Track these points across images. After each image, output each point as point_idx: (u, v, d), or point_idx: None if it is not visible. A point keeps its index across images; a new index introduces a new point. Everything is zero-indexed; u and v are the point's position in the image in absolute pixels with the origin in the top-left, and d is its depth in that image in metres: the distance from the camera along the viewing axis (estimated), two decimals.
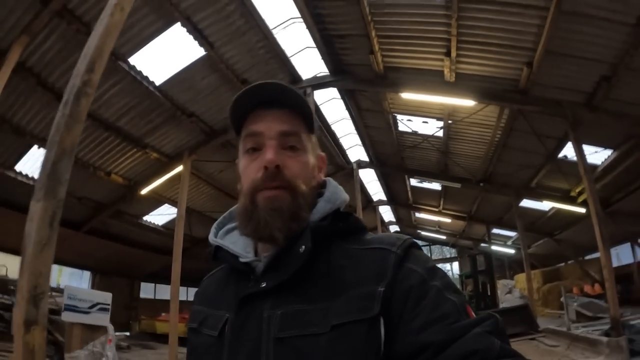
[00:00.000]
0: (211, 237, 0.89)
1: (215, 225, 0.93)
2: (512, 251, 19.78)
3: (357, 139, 14.66)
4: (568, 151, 10.80)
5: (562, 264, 19.34)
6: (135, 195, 12.91)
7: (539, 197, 14.08)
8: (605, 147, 10.47)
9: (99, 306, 8.60)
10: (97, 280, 16.47)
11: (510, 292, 17.70)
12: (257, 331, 0.73)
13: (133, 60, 8.65)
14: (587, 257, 19.63)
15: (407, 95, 9.96)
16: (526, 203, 15.28)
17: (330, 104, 12.42)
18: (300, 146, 0.84)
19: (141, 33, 7.91)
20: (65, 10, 7.13)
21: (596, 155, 10.69)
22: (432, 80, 9.52)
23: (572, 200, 13.24)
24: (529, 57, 8.08)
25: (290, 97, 0.84)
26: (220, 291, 0.87)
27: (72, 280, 15.53)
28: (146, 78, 9.17)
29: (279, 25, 8.77)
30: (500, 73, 8.93)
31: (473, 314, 0.70)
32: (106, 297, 8.72)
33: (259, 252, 0.85)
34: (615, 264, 18.61)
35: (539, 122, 10.08)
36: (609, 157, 10.84)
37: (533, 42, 7.70)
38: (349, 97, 12.00)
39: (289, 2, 8.07)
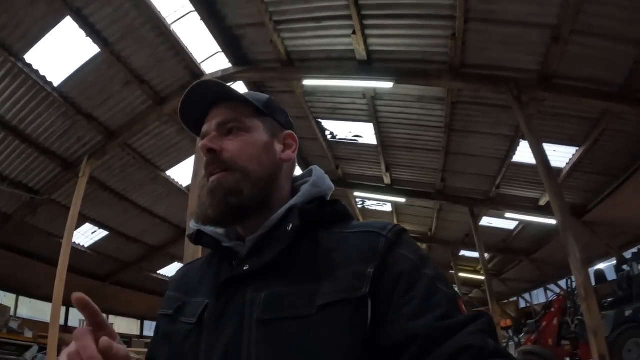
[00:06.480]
0: (192, 223, 0.88)
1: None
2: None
3: None
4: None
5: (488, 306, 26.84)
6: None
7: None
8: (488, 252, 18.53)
9: None
10: None
11: None
12: (239, 315, 0.72)
13: None
14: (508, 300, 27.60)
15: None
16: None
17: None
18: (242, 127, 0.84)
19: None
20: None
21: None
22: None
23: (477, 272, 21.48)
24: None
25: (224, 91, 0.85)
26: (199, 279, 0.86)
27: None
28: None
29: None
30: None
31: (464, 307, 0.70)
32: None
33: (242, 237, 0.84)
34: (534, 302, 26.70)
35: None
36: (488, 256, 18.99)
37: None
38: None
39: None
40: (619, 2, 5.70)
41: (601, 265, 14.17)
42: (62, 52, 7.63)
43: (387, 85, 7.90)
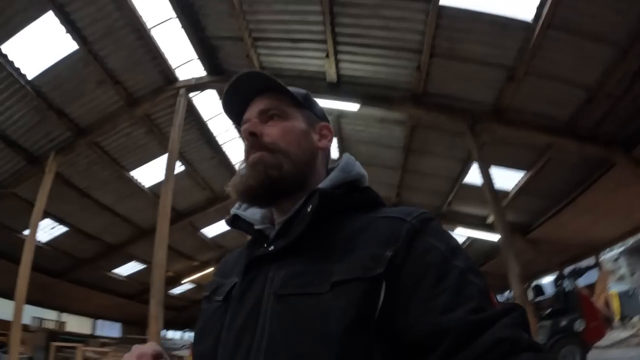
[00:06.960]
0: (233, 209, 0.95)
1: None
2: None
3: None
4: None
5: None
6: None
7: None
8: None
9: (186, 345, 16.09)
10: None
11: None
12: (260, 291, 0.76)
13: None
14: None
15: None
16: None
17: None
18: (282, 114, 0.89)
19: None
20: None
21: None
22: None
23: None
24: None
25: (269, 81, 0.89)
26: (234, 262, 0.92)
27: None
28: None
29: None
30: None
31: (495, 300, 0.70)
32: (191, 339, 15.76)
33: (274, 222, 0.89)
34: None
35: None
36: None
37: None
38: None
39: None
40: (570, 51, 6.44)
41: (543, 280, 15.03)
42: (39, 46, 7.59)
43: (354, 107, 8.36)
